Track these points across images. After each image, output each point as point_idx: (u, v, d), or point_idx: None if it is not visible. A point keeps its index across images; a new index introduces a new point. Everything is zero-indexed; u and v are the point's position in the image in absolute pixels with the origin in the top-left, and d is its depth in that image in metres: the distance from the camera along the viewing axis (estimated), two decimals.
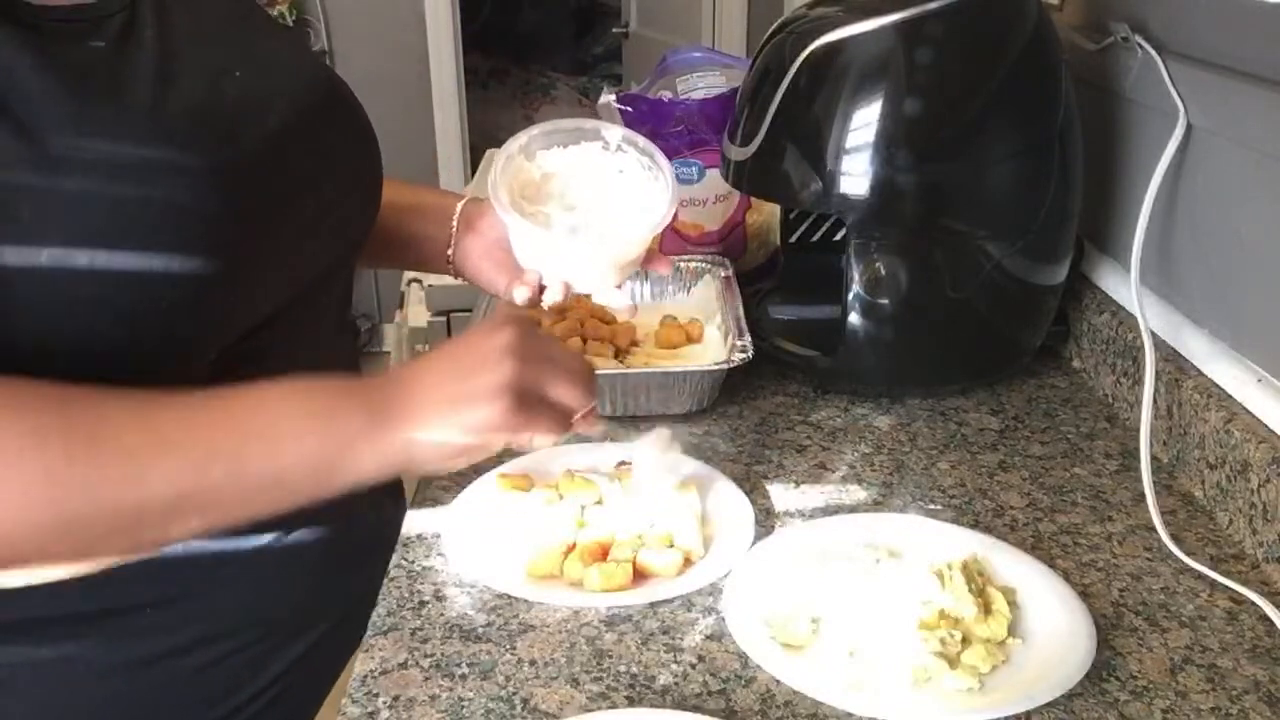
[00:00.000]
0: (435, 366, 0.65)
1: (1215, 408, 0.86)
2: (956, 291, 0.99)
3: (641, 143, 0.86)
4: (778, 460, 0.93)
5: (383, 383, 0.64)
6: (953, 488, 0.89)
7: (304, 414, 0.61)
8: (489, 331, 0.65)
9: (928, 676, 0.66)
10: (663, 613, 0.74)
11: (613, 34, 4.29)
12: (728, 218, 1.28)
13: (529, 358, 0.65)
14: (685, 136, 1.23)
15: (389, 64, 3.35)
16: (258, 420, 0.60)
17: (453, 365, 0.65)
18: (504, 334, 0.65)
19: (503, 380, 0.63)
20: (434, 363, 0.65)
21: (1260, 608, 0.74)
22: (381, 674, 0.68)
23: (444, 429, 0.63)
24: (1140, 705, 0.66)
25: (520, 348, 0.64)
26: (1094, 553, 0.81)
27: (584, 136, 0.86)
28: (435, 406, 0.63)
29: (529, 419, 0.65)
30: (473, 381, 0.63)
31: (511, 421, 0.64)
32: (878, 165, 0.93)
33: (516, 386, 0.63)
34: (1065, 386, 1.08)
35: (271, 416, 0.60)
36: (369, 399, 0.62)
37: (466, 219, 0.90)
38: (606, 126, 0.86)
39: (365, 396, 0.63)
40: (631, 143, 0.86)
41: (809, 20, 0.98)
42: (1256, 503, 0.79)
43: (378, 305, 3.58)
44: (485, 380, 0.63)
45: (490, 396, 0.63)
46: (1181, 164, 0.94)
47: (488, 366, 0.63)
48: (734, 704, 0.66)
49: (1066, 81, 0.98)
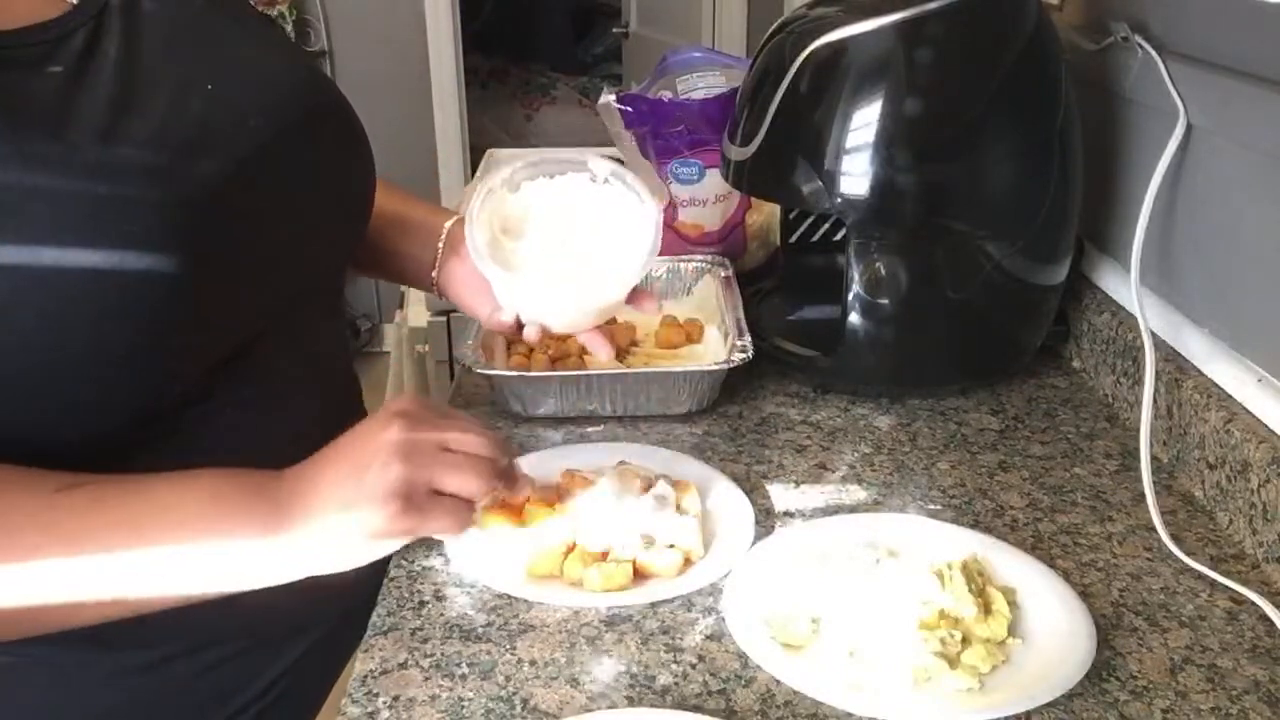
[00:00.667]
0: (329, 469, 0.63)
1: (1215, 408, 0.86)
2: (956, 291, 0.99)
3: (629, 177, 0.83)
4: (778, 460, 0.93)
5: (282, 489, 0.63)
6: (953, 488, 0.89)
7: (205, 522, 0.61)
8: (378, 428, 0.64)
9: (928, 676, 0.66)
10: (663, 613, 0.74)
11: (613, 34, 4.28)
12: (728, 218, 1.28)
13: (415, 455, 0.63)
14: (685, 136, 1.23)
15: (389, 64, 3.35)
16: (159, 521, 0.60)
17: (343, 469, 0.63)
18: (390, 431, 0.63)
19: (387, 485, 0.61)
20: (328, 465, 0.64)
21: (1260, 608, 0.74)
22: (381, 674, 0.68)
23: (338, 537, 0.62)
24: (1140, 705, 0.66)
25: (405, 445, 0.62)
26: (1094, 553, 0.81)
27: (571, 168, 0.84)
28: (327, 515, 0.62)
29: (421, 519, 0.63)
30: (360, 487, 0.62)
31: (402, 524, 0.62)
32: (878, 165, 0.93)
33: (402, 490, 0.62)
34: (1065, 386, 1.08)
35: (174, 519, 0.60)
36: (270, 509, 0.62)
37: (452, 241, 0.89)
38: (595, 159, 0.84)
39: (267, 506, 0.62)
40: (619, 176, 0.83)
41: (809, 20, 0.98)
42: (1256, 503, 0.79)
43: (378, 305, 3.58)
44: (370, 485, 0.61)
45: (378, 502, 0.61)
46: (1181, 164, 0.94)
47: (373, 470, 0.62)
48: (734, 704, 0.66)
49: (1066, 81, 0.98)
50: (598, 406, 0.98)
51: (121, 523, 0.59)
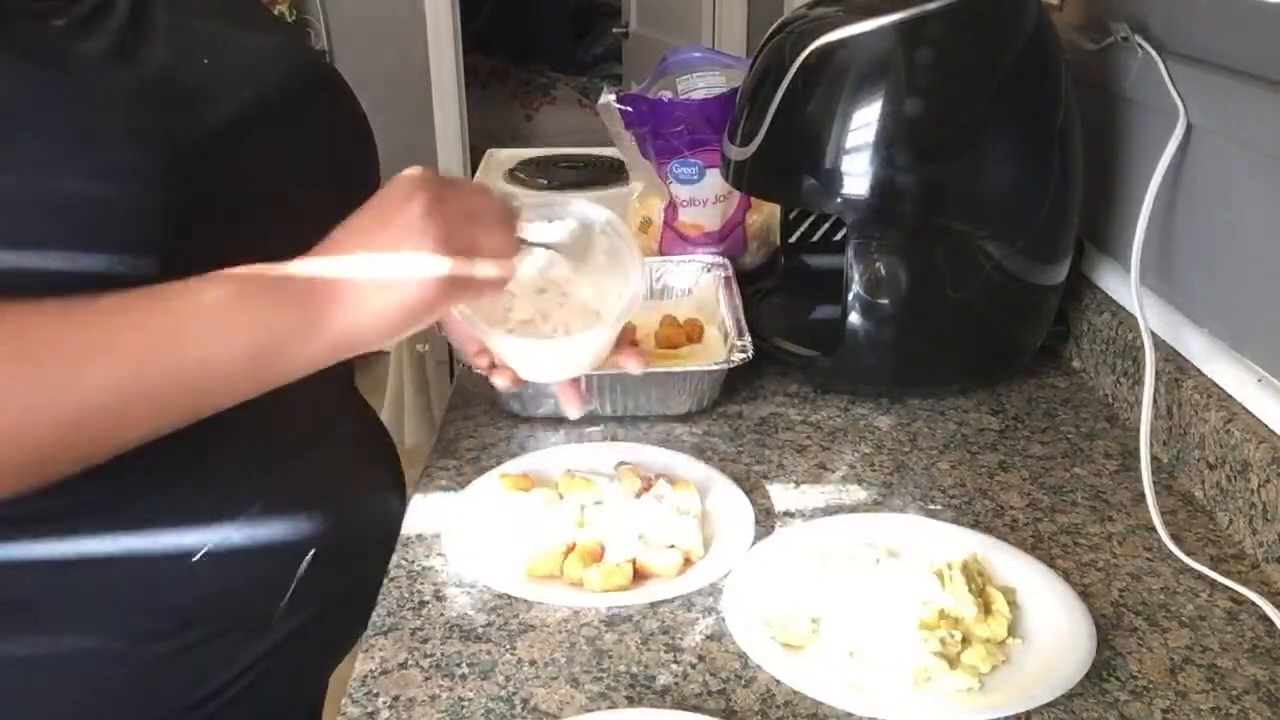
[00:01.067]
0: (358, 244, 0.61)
1: (1215, 408, 0.86)
2: (956, 291, 0.99)
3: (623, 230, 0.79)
4: (778, 460, 0.93)
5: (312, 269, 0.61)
6: (953, 488, 0.89)
7: (236, 311, 0.59)
8: (403, 198, 0.61)
9: (928, 676, 0.66)
10: (663, 613, 0.74)
11: (613, 34, 4.28)
12: (728, 218, 1.28)
13: (451, 218, 0.61)
14: (685, 136, 1.23)
15: (389, 64, 3.35)
16: (189, 319, 0.59)
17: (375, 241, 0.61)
18: (420, 199, 0.61)
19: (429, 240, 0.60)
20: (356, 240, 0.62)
21: (1260, 608, 0.74)
22: (381, 674, 0.68)
23: (379, 315, 0.61)
24: (1140, 705, 0.66)
25: (440, 209, 0.61)
26: (1094, 553, 0.81)
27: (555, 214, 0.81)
28: (367, 293, 0.60)
29: (464, 284, 0.62)
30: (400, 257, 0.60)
31: (448, 294, 0.62)
32: (878, 165, 0.93)
33: (444, 235, 0.60)
34: (1065, 386, 1.08)
35: (204, 315, 0.59)
36: (302, 291, 0.60)
37: None
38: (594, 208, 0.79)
39: (298, 288, 0.60)
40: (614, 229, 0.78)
41: (809, 20, 0.98)
42: (1256, 503, 0.79)
43: None
44: (412, 254, 0.60)
45: (424, 247, 0.60)
46: (1181, 164, 0.94)
47: (413, 239, 0.60)
48: (734, 704, 0.66)
49: (1066, 81, 0.98)
50: (598, 406, 0.98)
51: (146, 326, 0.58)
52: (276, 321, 0.60)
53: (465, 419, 1.00)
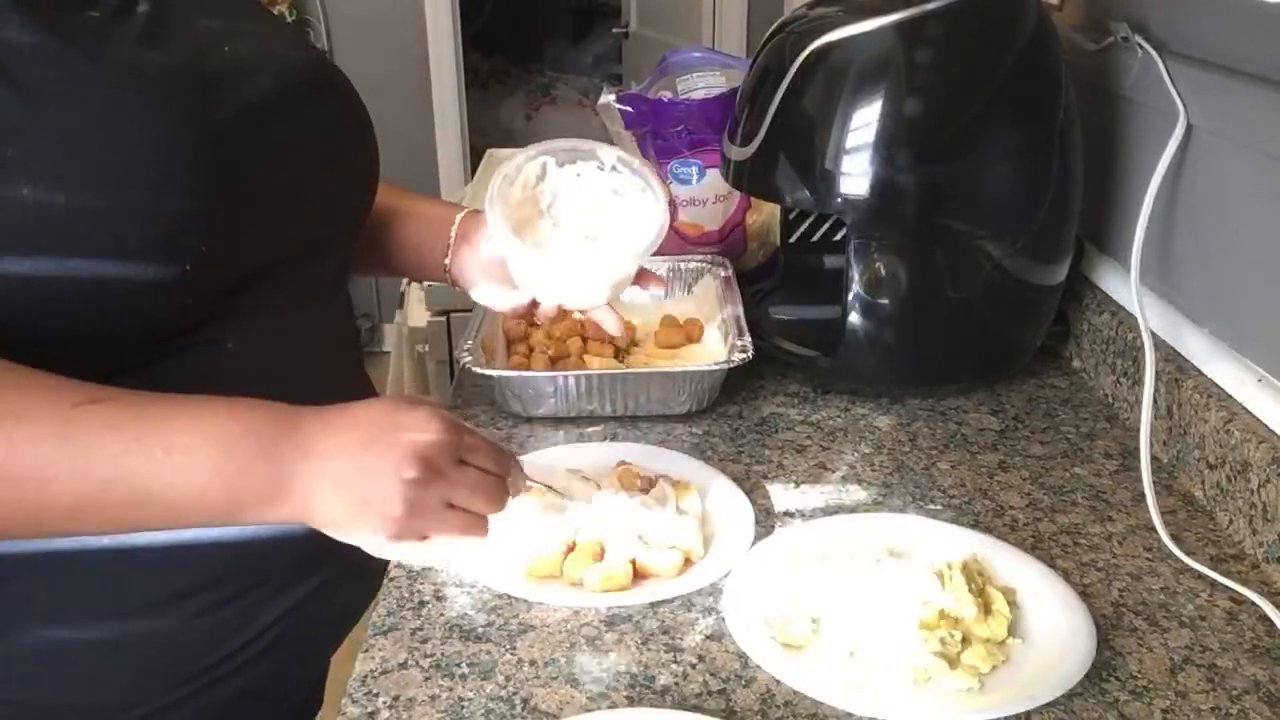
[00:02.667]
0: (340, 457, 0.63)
1: (1215, 408, 0.86)
2: (956, 291, 0.99)
3: (636, 164, 0.87)
4: (778, 460, 0.93)
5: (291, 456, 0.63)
6: (953, 488, 0.89)
7: (214, 471, 0.62)
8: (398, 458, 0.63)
9: (928, 676, 0.66)
10: (663, 613, 0.74)
11: (613, 34, 4.28)
12: (728, 218, 1.28)
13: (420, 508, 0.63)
14: (685, 136, 1.23)
15: (389, 64, 3.35)
16: (168, 462, 0.61)
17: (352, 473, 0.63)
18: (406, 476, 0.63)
19: (384, 524, 0.62)
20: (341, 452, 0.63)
21: (1260, 608, 0.74)
22: (381, 674, 0.68)
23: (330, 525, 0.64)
24: (1140, 705, 0.66)
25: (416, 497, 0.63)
26: (1094, 553, 0.81)
27: (580, 156, 0.87)
28: (327, 504, 0.63)
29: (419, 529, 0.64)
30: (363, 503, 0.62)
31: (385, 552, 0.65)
32: (878, 165, 0.93)
33: (396, 532, 0.63)
34: (1065, 386, 1.08)
35: (181, 462, 0.61)
36: (276, 471, 0.63)
37: (464, 230, 0.91)
38: (601, 146, 0.87)
39: (274, 466, 0.63)
40: (626, 163, 0.86)
41: (809, 20, 0.98)
42: (1256, 503, 0.79)
43: (377, 305, 3.58)
44: (372, 512, 0.62)
45: (371, 526, 0.63)
46: (1181, 164, 0.94)
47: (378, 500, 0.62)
48: (734, 704, 0.66)
49: (1066, 81, 0.98)
50: (598, 406, 0.98)
51: (130, 451, 0.61)
52: (245, 485, 0.63)
53: (465, 419, 1.00)
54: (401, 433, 0.64)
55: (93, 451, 0.60)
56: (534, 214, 0.87)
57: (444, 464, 0.65)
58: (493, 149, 1.98)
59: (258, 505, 0.63)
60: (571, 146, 0.87)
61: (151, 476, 0.61)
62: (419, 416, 0.65)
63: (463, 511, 0.66)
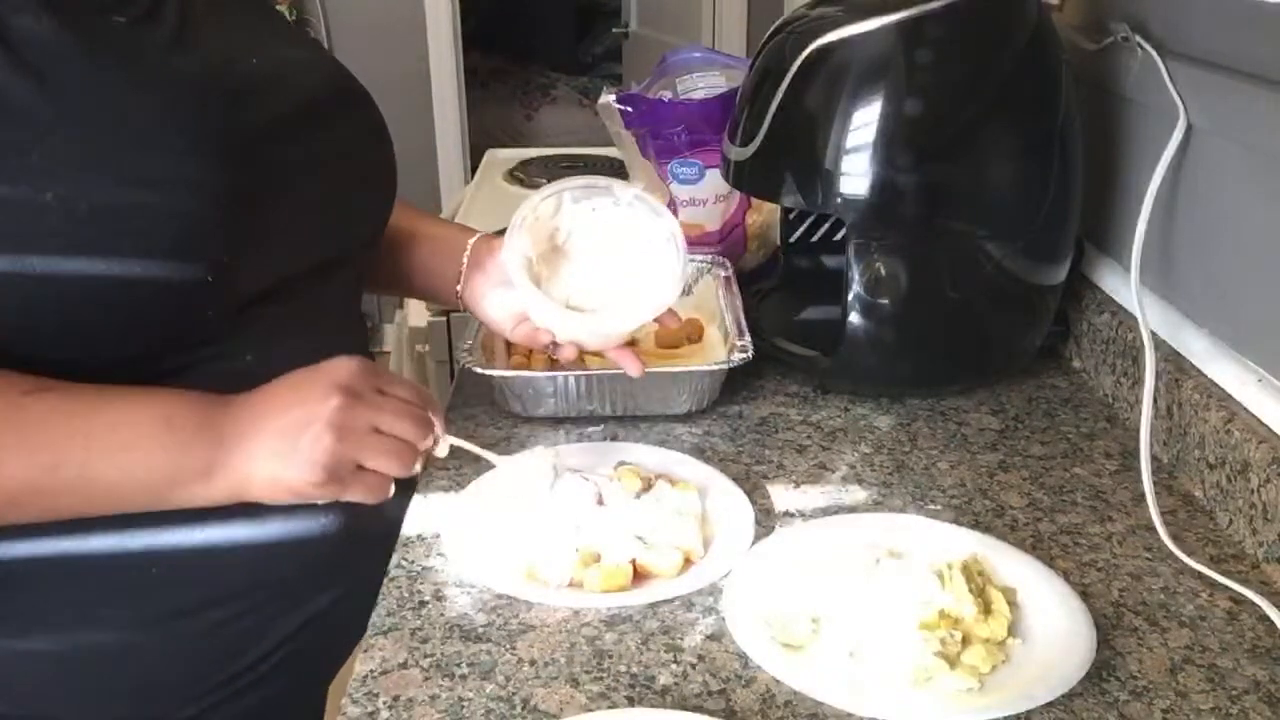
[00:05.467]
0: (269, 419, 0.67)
1: (1215, 408, 0.86)
2: (956, 291, 0.99)
3: (652, 200, 0.88)
4: (778, 460, 0.93)
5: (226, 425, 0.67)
6: (953, 488, 0.89)
7: (157, 444, 0.65)
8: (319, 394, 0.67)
9: (928, 676, 0.66)
10: (663, 613, 0.74)
11: (613, 34, 4.28)
12: (728, 218, 1.28)
13: (346, 433, 0.67)
14: (685, 136, 1.23)
15: (389, 64, 3.35)
16: (112, 439, 0.64)
17: (280, 424, 0.67)
18: (328, 404, 0.66)
19: (316, 457, 0.66)
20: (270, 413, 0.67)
21: (1260, 608, 0.74)
22: (381, 674, 0.68)
23: (266, 484, 0.67)
24: (1140, 705, 0.66)
25: (339, 422, 0.66)
26: (1094, 553, 0.81)
27: (596, 192, 0.87)
28: (263, 461, 0.66)
29: (340, 488, 0.68)
30: (292, 450, 0.66)
31: (323, 490, 0.67)
32: (878, 165, 0.93)
33: (329, 463, 0.66)
34: (1065, 386, 1.08)
35: (126, 438, 0.64)
36: (216, 440, 0.66)
37: (476, 257, 0.92)
38: (617, 183, 0.88)
39: (213, 436, 0.66)
40: (643, 200, 0.87)
41: (809, 20, 0.98)
42: (1256, 503, 0.79)
43: (377, 305, 3.58)
44: (302, 452, 0.66)
45: (305, 468, 0.66)
46: (1181, 164, 0.94)
47: (305, 439, 0.66)
48: (734, 704, 0.66)
49: (1066, 81, 0.98)
50: (598, 406, 0.98)
51: (77, 432, 0.63)
52: (186, 460, 0.65)
53: (465, 419, 1.00)
54: (319, 374, 0.68)
55: (39, 435, 0.62)
56: (550, 250, 0.88)
57: (363, 389, 0.68)
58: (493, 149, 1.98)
59: (197, 481, 0.65)
60: (588, 183, 0.88)
61: (96, 456, 0.63)
62: (334, 361, 0.69)
63: (391, 439, 0.69)
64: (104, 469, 0.63)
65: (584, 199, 0.88)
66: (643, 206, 0.87)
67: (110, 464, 0.63)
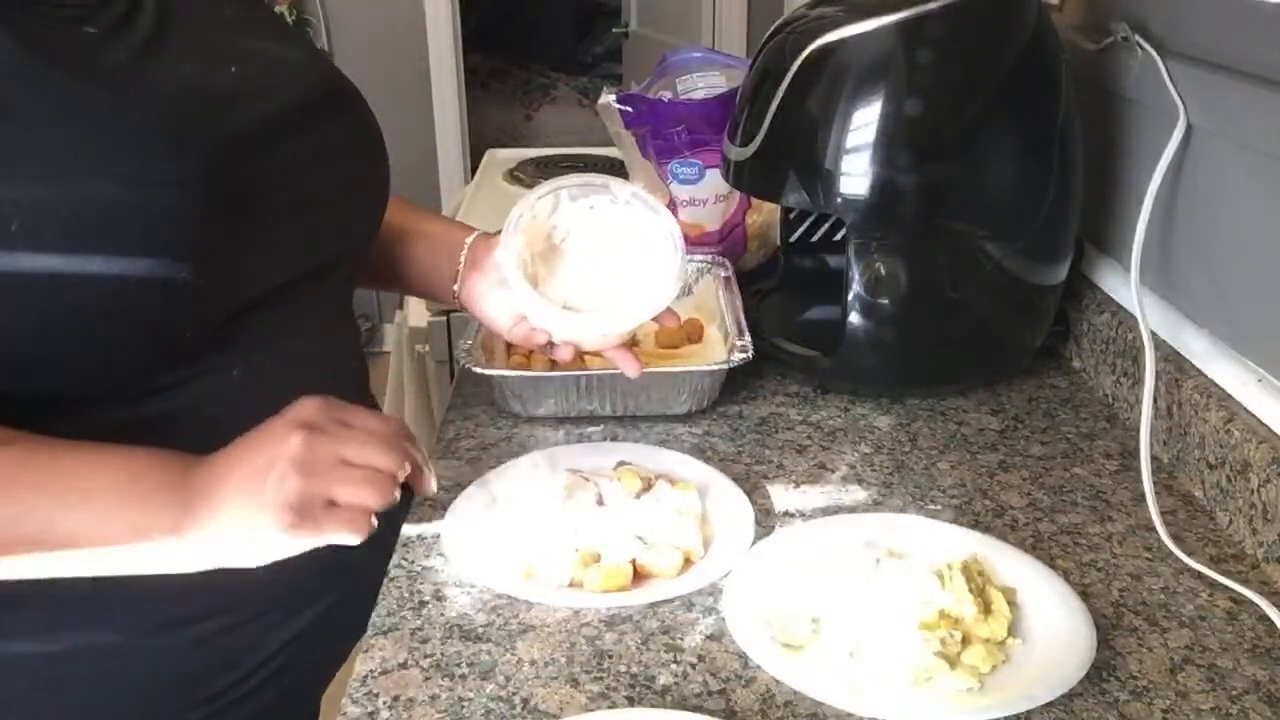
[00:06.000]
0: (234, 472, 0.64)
1: (1215, 408, 0.86)
2: (956, 291, 0.99)
3: (651, 200, 0.87)
4: (778, 460, 0.93)
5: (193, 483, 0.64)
6: (953, 488, 0.89)
7: (121, 501, 0.63)
8: (279, 436, 0.64)
9: (928, 676, 0.66)
10: (663, 613, 0.74)
11: (613, 34, 4.28)
12: (728, 218, 1.28)
13: (312, 470, 0.63)
14: (685, 136, 1.23)
15: (389, 64, 3.35)
16: (76, 494, 0.62)
17: (244, 474, 0.64)
18: (289, 444, 0.64)
19: (283, 498, 0.63)
20: (234, 466, 0.65)
21: (1260, 608, 0.74)
22: (381, 674, 0.68)
23: (237, 539, 0.64)
24: (1140, 705, 0.66)
25: (302, 459, 0.63)
26: (1094, 553, 0.81)
27: (593, 190, 0.87)
28: (227, 518, 0.63)
29: (316, 529, 0.64)
30: (258, 496, 0.63)
31: (297, 534, 0.64)
32: (878, 165, 0.93)
33: (297, 503, 0.63)
34: (1065, 386, 1.08)
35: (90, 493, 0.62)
36: (182, 500, 0.63)
37: (474, 256, 0.91)
38: (615, 181, 0.87)
39: (180, 496, 0.64)
40: (640, 198, 0.87)
41: (809, 20, 0.98)
42: (1256, 503, 0.79)
43: (377, 305, 3.58)
44: (268, 496, 0.63)
45: (273, 513, 0.63)
46: (1181, 164, 0.94)
47: (270, 482, 0.63)
48: (734, 704, 0.66)
49: (1066, 81, 0.98)
50: (598, 406, 0.98)
51: (43, 486, 0.61)
52: (153, 519, 0.63)
53: (465, 419, 1.00)
54: (277, 419, 0.66)
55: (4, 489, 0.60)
56: (547, 249, 0.88)
57: (325, 423, 0.65)
58: (493, 149, 1.98)
59: (167, 539, 0.63)
60: (585, 181, 0.87)
61: (61, 511, 0.61)
62: (294, 403, 0.66)
63: (363, 469, 0.66)
64: (70, 524, 0.61)
65: (581, 197, 0.88)
66: (640, 204, 0.87)
67: (76, 519, 0.61)
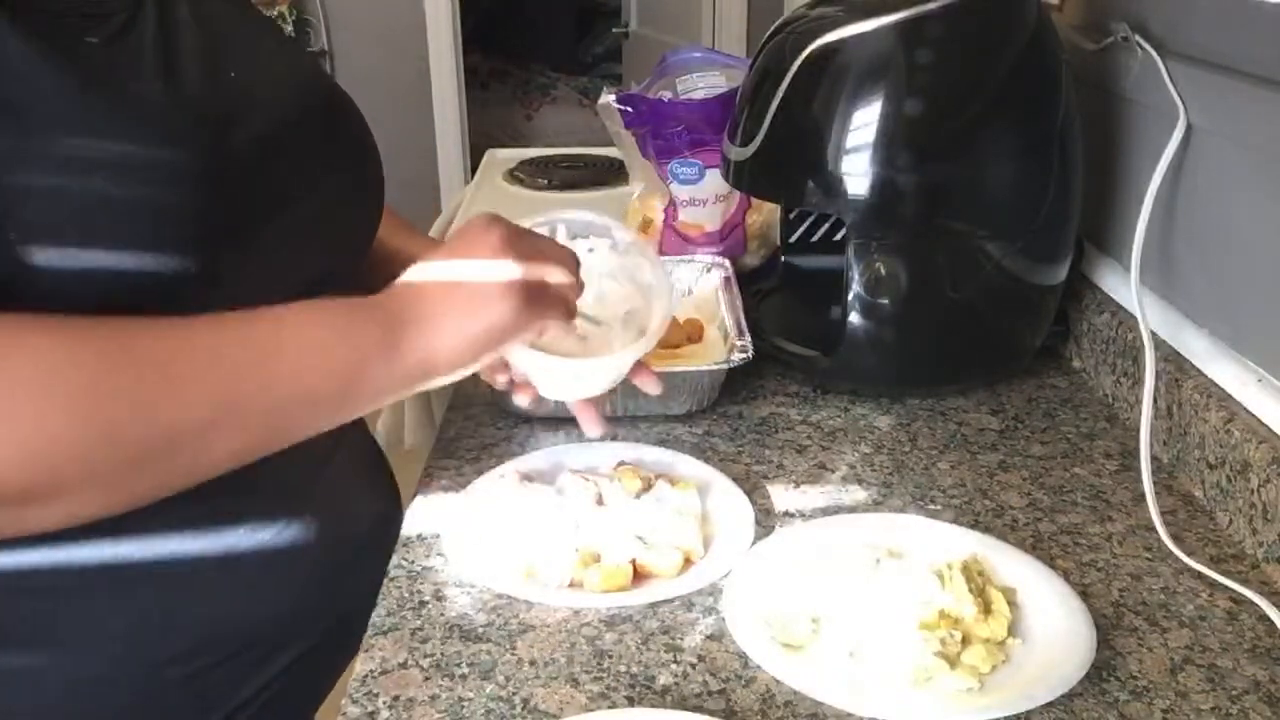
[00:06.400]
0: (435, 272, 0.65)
1: (1215, 408, 0.86)
2: (956, 291, 0.99)
3: (649, 251, 0.83)
4: (778, 460, 0.93)
5: (394, 296, 0.65)
6: (953, 488, 0.89)
7: (323, 328, 0.62)
8: (479, 232, 0.66)
9: (928, 676, 0.66)
10: (663, 613, 0.74)
11: (613, 34, 4.29)
12: (728, 218, 1.28)
13: (524, 252, 0.65)
14: (685, 136, 1.23)
15: (389, 64, 3.36)
16: (280, 336, 0.61)
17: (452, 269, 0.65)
18: (495, 233, 0.65)
19: (508, 279, 0.64)
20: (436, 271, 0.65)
21: (1260, 608, 0.74)
22: (381, 674, 0.68)
23: (459, 337, 0.64)
24: (1140, 705, 0.66)
25: (514, 243, 0.65)
26: (1094, 553, 0.81)
27: (594, 231, 0.83)
28: (448, 316, 0.63)
29: (540, 311, 0.66)
30: (479, 285, 0.63)
31: (524, 317, 0.65)
32: (878, 165, 0.93)
33: (521, 282, 0.64)
34: (1065, 386, 1.08)
35: (292, 332, 0.62)
36: (384, 313, 0.63)
37: None
38: (617, 226, 0.84)
39: (380, 310, 0.64)
40: (639, 249, 0.83)
41: (809, 20, 0.98)
42: (1256, 503, 0.79)
43: None
44: (491, 283, 0.63)
45: (500, 298, 0.64)
46: (1181, 164, 0.94)
47: (490, 269, 0.64)
48: (734, 704, 0.66)
49: (1066, 81, 0.98)
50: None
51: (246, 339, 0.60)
52: (362, 340, 0.62)
53: (465, 419, 1.00)
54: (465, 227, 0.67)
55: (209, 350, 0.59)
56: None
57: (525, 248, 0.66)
58: (493, 149, 1.98)
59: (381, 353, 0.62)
60: (587, 220, 0.83)
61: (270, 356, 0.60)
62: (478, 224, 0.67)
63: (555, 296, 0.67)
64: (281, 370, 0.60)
65: (580, 236, 0.82)
66: (637, 254, 0.83)
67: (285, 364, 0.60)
